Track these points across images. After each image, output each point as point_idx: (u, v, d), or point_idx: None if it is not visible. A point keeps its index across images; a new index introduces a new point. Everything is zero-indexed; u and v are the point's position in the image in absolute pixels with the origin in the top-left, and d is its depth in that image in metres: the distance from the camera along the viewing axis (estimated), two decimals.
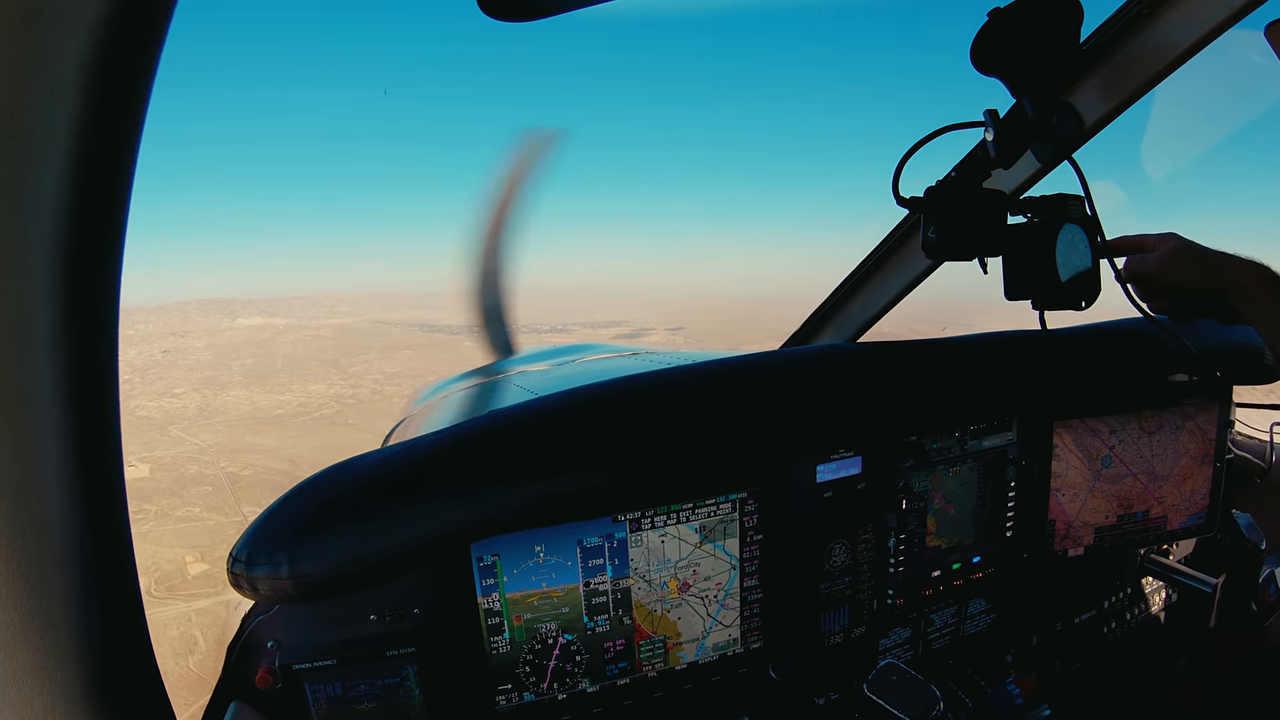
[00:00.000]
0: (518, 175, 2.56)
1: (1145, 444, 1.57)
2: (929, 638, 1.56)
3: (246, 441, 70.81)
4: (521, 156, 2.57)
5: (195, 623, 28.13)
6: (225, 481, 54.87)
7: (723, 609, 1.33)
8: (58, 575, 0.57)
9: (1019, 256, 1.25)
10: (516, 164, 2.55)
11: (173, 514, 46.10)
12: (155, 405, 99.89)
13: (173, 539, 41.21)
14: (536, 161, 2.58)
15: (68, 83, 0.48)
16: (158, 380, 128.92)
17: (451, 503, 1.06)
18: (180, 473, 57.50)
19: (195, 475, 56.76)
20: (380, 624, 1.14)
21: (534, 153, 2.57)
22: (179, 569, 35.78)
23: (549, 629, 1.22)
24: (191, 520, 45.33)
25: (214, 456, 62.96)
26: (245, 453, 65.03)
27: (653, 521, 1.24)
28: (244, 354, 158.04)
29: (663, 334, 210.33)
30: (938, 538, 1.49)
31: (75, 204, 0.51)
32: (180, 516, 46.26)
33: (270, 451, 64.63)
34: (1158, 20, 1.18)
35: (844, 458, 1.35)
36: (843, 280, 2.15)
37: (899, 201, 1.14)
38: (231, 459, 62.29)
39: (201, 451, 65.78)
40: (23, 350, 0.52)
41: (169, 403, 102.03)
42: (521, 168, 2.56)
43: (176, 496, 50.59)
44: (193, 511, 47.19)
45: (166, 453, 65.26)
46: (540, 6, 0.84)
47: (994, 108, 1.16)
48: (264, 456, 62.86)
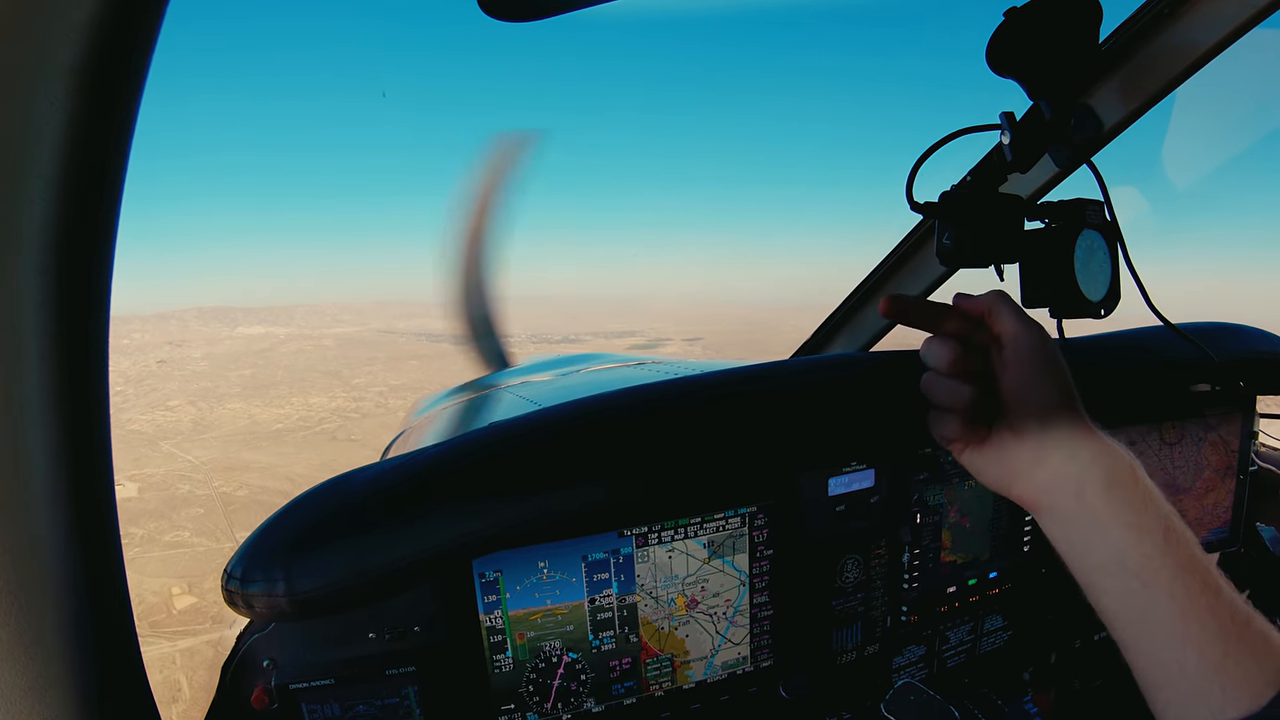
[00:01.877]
0: (493, 181, 2.52)
1: (1166, 456, 1.53)
2: (944, 655, 1.51)
3: (242, 458, 68.61)
4: (496, 161, 2.53)
5: (180, 665, 26.12)
6: (218, 503, 52.79)
7: (732, 626, 1.30)
8: (47, 593, 0.55)
9: (1036, 263, 1.21)
10: (491, 170, 2.52)
11: (160, 539, 43.93)
12: (147, 419, 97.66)
13: (159, 567, 38.97)
14: (512, 166, 2.54)
15: (55, 85, 0.46)
16: (152, 392, 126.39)
17: (453, 517, 1.04)
18: (170, 493, 55.27)
19: (186, 496, 54.43)
20: (379, 642, 1.11)
21: (509, 157, 2.53)
22: (164, 601, 33.60)
23: (553, 647, 1.18)
24: (180, 546, 43.07)
25: (207, 475, 60.87)
26: (240, 471, 62.87)
27: (659, 536, 1.21)
28: (243, 364, 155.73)
29: (680, 344, 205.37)
30: (953, 553, 1.45)
31: (64, 210, 0.50)
32: (168, 542, 43.91)
33: (267, 469, 62.54)
34: (1179, 20, 1.15)
35: (856, 470, 1.32)
36: (855, 288, 2.10)
37: (913, 207, 1.11)
38: (225, 478, 60.16)
39: (194, 469, 63.47)
40: (11, 360, 0.50)
41: (162, 416, 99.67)
42: (497, 173, 2.53)
43: (165, 519, 48.17)
44: (182, 536, 44.93)
45: (156, 470, 62.99)
46: (543, 6, 0.82)
47: (1010, 110, 1.12)
48: (260, 475, 60.68)
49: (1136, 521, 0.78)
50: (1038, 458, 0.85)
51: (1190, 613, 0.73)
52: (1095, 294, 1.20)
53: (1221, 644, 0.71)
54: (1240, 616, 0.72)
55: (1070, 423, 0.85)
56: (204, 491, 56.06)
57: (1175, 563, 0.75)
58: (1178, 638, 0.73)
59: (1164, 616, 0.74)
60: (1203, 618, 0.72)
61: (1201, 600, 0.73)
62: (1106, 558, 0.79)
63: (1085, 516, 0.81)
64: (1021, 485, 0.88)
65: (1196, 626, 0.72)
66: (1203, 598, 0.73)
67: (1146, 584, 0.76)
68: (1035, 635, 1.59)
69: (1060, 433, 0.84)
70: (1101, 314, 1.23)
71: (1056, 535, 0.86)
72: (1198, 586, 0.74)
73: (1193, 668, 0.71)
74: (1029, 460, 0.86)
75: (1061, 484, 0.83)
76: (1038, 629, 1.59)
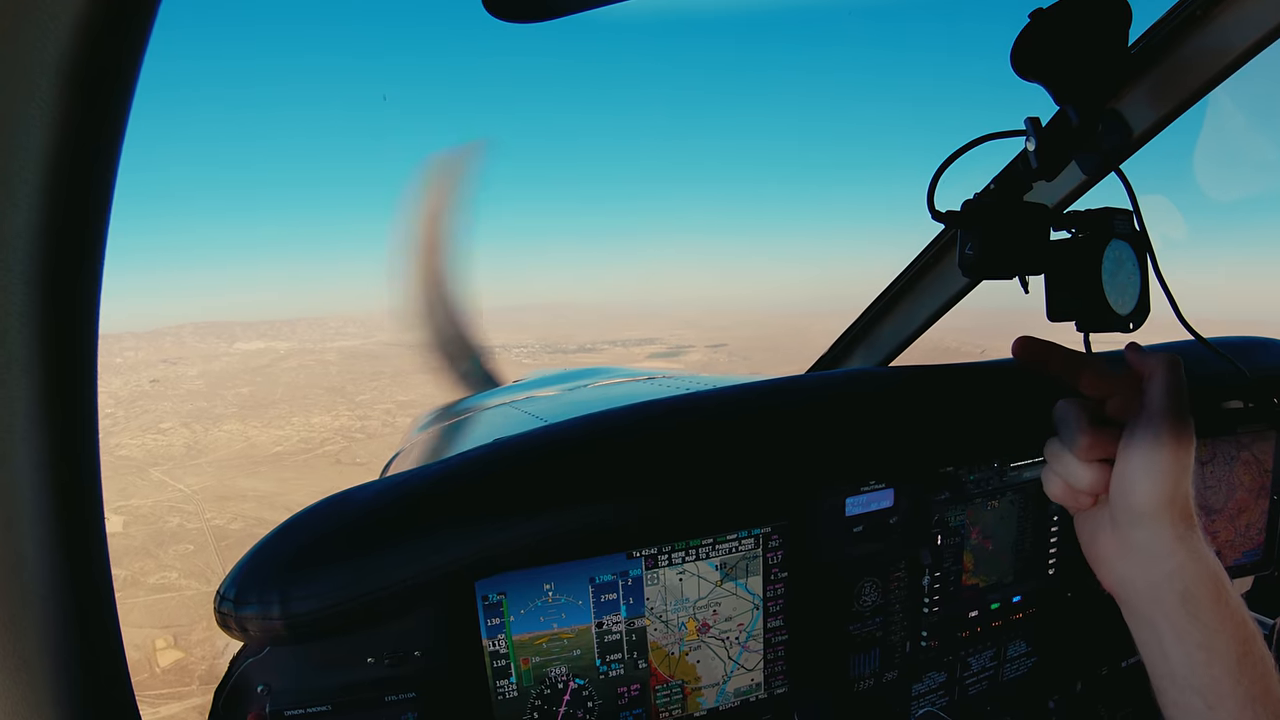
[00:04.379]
0: (440, 196, 2.48)
1: (1197, 475, 1.48)
2: (965, 682, 1.46)
3: (237, 486, 66.17)
4: (440, 177, 2.48)
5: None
6: (210, 537, 49.96)
7: (745, 651, 1.25)
8: (34, 615, 0.54)
9: (1062, 275, 1.17)
10: (438, 186, 2.47)
11: (145, 581, 41.38)
12: (138, 443, 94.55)
13: (142, 615, 36.88)
14: (458, 179, 2.50)
15: (43, 86, 0.45)
16: (143, 413, 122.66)
17: (455, 537, 1.01)
18: (158, 527, 52.40)
19: (175, 530, 51.52)
20: (378, 667, 1.07)
21: (453, 172, 2.49)
22: (147, 657, 31.43)
23: (559, 673, 1.14)
24: (167, 590, 40.34)
25: (199, 505, 58.11)
26: (235, 500, 60.16)
27: (670, 558, 1.16)
28: (240, 382, 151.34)
29: (703, 351, 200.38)
30: (975, 575, 1.39)
31: (52, 218, 0.48)
32: (154, 584, 41.09)
33: (264, 499, 60.31)
34: (1211, 21, 1.11)
35: (875, 490, 1.27)
36: (874, 300, 2.05)
37: (934, 216, 1.07)
38: (219, 508, 57.33)
39: (185, 499, 60.43)
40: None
41: (153, 440, 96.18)
42: (443, 188, 2.48)
43: (151, 558, 45.30)
44: (168, 578, 42.08)
45: (145, 501, 59.96)
46: (552, 7, 0.79)
47: (1036, 115, 1.09)
48: (256, 505, 57.98)
49: (1207, 642, 0.74)
50: (1124, 550, 0.81)
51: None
52: (1124, 307, 1.16)
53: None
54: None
55: (1167, 523, 0.78)
56: (195, 525, 53.58)
57: (1245, 692, 0.72)
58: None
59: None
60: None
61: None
62: (1176, 670, 0.76)
63: (1160, 624, 0.78)
64: (1104, 571, 0.84)
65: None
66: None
67: (1211, 706, 0.73)
68: (1061, 662, 1.53)
69: (1153, 532, 0.79)
70: (1130, 327, 1.19)
71: (1133, 629, 0.82)
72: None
73: None
74: (1116, 548, 0.82)
75: (1140, 586, 0.80)
76: (1063, 655, 1.53)
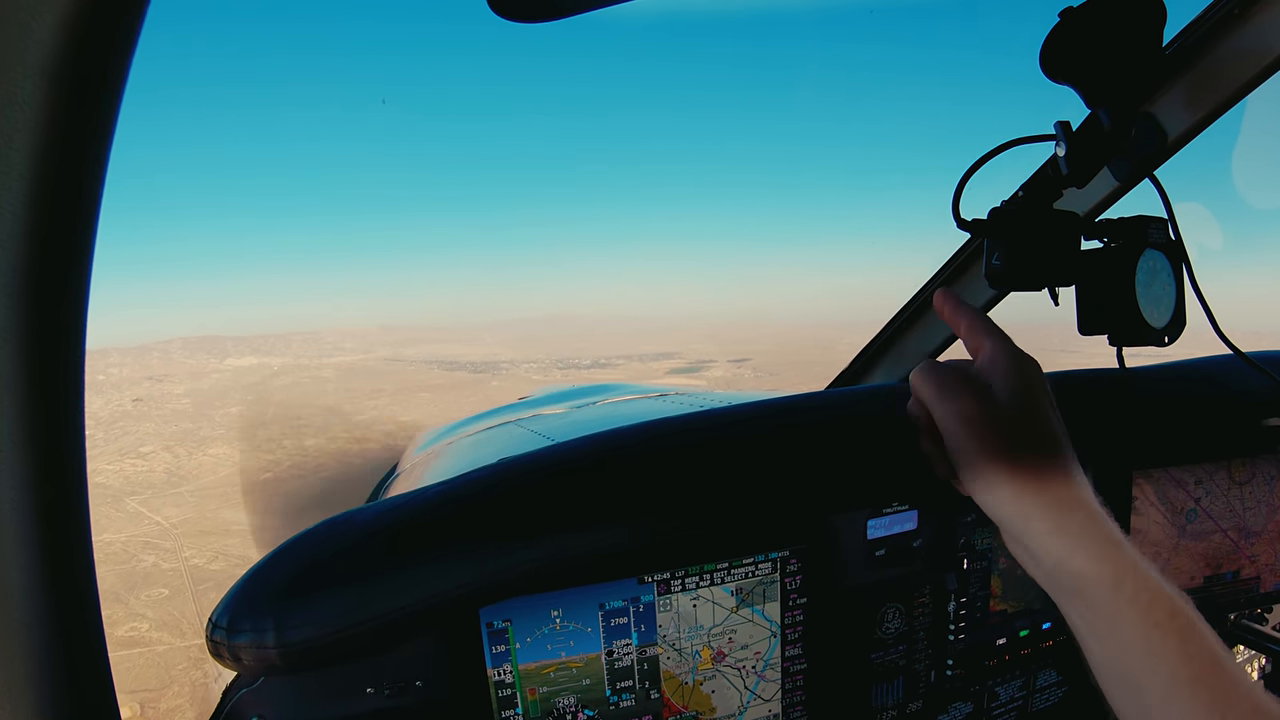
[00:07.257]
0: None
1: (1236, 496, 1.42)
2: (993, 713, 1.39)
3: (221, 519, 60.11)
4: None
5: None
6: (187, 580, 44.42)
7: (762, 681, 1.19)
8: (19, 643, 0.54)
9: (1094, 286, 1.12)
10: None
11: (113, 633, 34.68)
12: (115, 469, 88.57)
13: None
14: None
15: (26, 89, 0.43)
16: (123, 435, 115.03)
17: (458, 562, 0.97)
18: (131, 567, 46.68)
19: (149, 571, 45.69)
20: (378, 698, 1.02)
21: None
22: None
23: (567, 703, 1.09)
24: (136, 644, 34.83)
25: (177, 541, 52.53)
26: (218, 535, 54.32)
27: (683, 583, 1.11)
28: (230, 401, 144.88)
29: (725, 366, 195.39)
30: (1003, 601, 1.33)
31: (35, 227, 0.47)
32: (122, 638, 35.11)
33: (249, 534, 52.40)
34: (1250, 20, 1.06)
35: (898, 512, 1.22)
36: (896, 313, 1.99)
37: (960, 224, 1.03)
38: (199, 545, 51.63)
39: (162, 534, 54.60)
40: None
41: (132, 465, 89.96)
42: None
43: (121, 605, 39.73)
44: (138, 630, 36.53)
45: (117, 536, 54.07)
46: (559, 6, 0.76)
47: (1066, 119, 1.05)
48: (240, 541, 51.15)
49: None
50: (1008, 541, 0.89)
51: None
52: (1158, 320, 1.11)
53: None
54: None
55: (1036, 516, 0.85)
56: (171, 565, 48.25)
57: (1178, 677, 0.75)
58: None
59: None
60: None
61: None
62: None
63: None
64: None
65: None
66: None
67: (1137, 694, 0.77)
68: (1093, 692, 1.46)
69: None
70: (1165, 341, 1.14)
71: None
72: None
73: None
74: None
75: (1039, 577, 0.88)
76: (1095, 685, 1.46)
